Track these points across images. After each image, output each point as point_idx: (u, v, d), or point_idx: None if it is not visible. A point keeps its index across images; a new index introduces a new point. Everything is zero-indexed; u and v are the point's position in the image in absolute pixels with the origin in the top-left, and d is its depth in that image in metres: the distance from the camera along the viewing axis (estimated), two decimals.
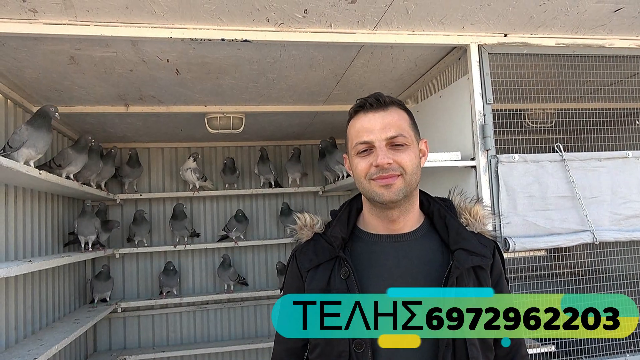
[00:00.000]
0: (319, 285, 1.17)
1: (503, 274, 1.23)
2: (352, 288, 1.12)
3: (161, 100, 2.78)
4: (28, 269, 2.10)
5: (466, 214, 1.25)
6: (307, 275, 1.21)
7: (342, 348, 1.10)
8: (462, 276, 1.13)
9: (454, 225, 1.20)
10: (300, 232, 1.28)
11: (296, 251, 1.27)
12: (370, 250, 1.20)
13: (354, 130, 1.18)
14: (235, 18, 1.84)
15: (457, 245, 1.16)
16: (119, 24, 1.82)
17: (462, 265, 1.13)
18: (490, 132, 2.08)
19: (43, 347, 2.27)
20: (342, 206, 1.30)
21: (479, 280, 1.16)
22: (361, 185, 1.17)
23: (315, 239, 1.25)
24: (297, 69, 2.38)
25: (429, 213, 1.26)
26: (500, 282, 1.21)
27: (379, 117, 1.16)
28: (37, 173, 2.13)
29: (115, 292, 3.74)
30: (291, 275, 1.26)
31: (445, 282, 1.11)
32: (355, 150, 1.17)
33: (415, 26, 2.02)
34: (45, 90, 2.50)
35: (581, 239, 2.09)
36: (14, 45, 1.93)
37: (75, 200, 3.45)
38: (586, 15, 2.01)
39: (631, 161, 2.22)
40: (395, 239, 1.20)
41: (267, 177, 3.98)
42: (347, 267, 1.15)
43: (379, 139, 1.13)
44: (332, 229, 1.23)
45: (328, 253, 1.19)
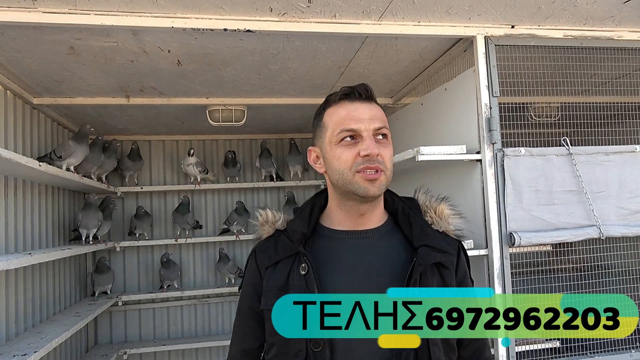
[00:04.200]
0: (277, 282, 1.14)
1: (468, 274, 1.22)
2: (310, 285, 1.09)
3: (162, 91, 2.75)
4: (28, 261, 2.08)
5: (431, 213, 1.23)
6: (266, 272, 1.17)
7: (299, 347, 1.06)
8: (426, 273, 1.10)
9: (418, 223, 1.18)
10: (261, 229, 1.25)
11: (256, 248, 1.24)
12: (332, 246, 1.17)
13: (338, 118, 1.13)
14: (238, 7, 1.81)
15: (420, 242, 1.14)
16: (120, 13, 1.79)
17: (425, 262, 1.10)
18: (496, 125, 2.05)
19: (44, 340, 2.25)
20: (305, 203, 1.27)
21: (443, 279, 1.13)
22: (342, 177, 1.11)
23: (276, 235, 1.21)
24: (301, 61, 2.34)
25: (393, 211, 1.23)
26: (465, 282, 1.20)
27: (367, 107, 1.13)
28: (36, 165, 2.11)
29: (116, 285, 3.72)
30: (250, 273, 1.22)
31: (409, 279, 1.08)
32: (339, 138, 1.11)
33: (421, 17, 1.99)
34: (45, 81, 2.47)
35: (587, 234, 2.06)
36: (12, 34, 1.90)
37: (76, 193, 3.43)
38: (595, 6, 1.97)
39: (639, 155, 2.18)
40: (358, 235, 1.17)
41: (268, 170, 3.96)
42: (306, 263, 1.11)
43: (367, 129, 1.10)
44: (293, 224, 1.20)
45: (288, 249, 1.16)
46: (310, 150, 1.23)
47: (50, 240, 2.93)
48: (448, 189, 2.31)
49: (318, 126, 1.20)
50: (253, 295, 1.19)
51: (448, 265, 1.15)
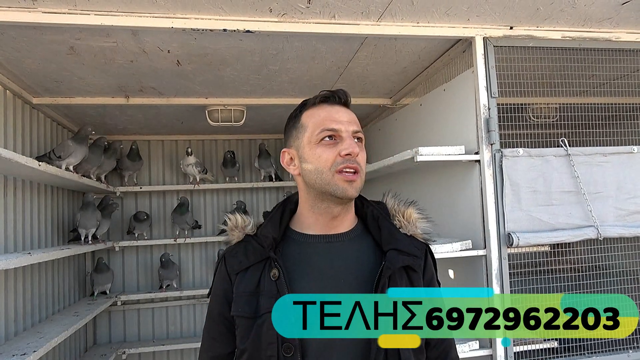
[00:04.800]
0: (247, 287, 1.13)
1: (435, 276, 1.23)
2: (281, 290, 1.08)
3: (162, 92, 2.75)
4: (27, 261, 2.08)
5: (399, 216, 1.23)
6: (236, 278, 1.16)
7: (271, 353, 1.06)
8: (394, 276, 1.11)
9: (386, 227, 1.19)
10: (230, 234, 1.24)
11: (225, 253, 1.23)
12: (302, 251, 1.17)
13: (318, 119, 1.14)
14: (237, 8, 1.82)
15: (389, 246, 1.14)
16: (120, 13, 1.79)
17: (393, 265, 1.11)
18: (494, 126, 2.05)
19: (42, 340, 2.25)
20: (275, 207, 1.26)
21: (410, 282, 1.15)
22: (320, 177, 1.11)
23: (246, 240, 1.20)
24: (300, 61, 2.35)
25: (363, 215, 1.24)
26: (432, 284, 1.21)
27: (345, 111, 1.16)
28: (36, 164, 2.11)
29: (115, 285, 3.72)
30: (219, 279, 1.21)
31: (377, 283, 1.09)
32: (319, 137, 1.12)
33: (420, 18, 1.99)
34: (45, 81, 2.47)
35: (585, 234, 2.07)
36: (12, 34, 1.90)
37: (75, 193, 3.43)
38: (593, 7, 1.98)
39: (637, 156, 2.19)
40: (329, 239, 1.17)
41: (267, 171, 3.97)
42: (277, 268, 1.11)
43: (347, 130, 1.12)
44: (263, 229, 1.19)
45: (258, 254, 1.15)
46: (284, 152, 1.22)
47: (50, 239, 2.94)
48: (447, 190, 2.32)
49: (294, 127, 1.19)
50: (223, 301, 1.18)
51: (416, 269, 1.16)
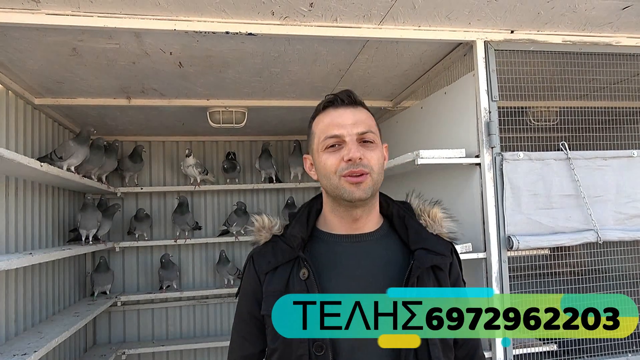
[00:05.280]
0: (277, 287, 1.15)
1: (460, 275, 1.24)
2: (311, 289, 1.10)
3: (163, 93, 2.76)
4: (29, 261, 2.09)
5: (425, 216, 1.25)
6: (265, 277, 1.18)
7: (302, 351, 1.07)
8: (423, 276, 1.12)
9: (413, 226, 1.20)
10: (258, 234, 1.25)
11: (253, 254, 1.24)
12: (330, 250, 1.18)
13: (323, 125, 1.15)
14: (240, 11, 1.82)
15: (417, 245, 1.15)
16: (123, 16, 1.80)
17: (422, 264, 1.12)
18: (495, 129, 2.06)
19: (43, 340, 2.26)
20: (301, 207, 1.28)
21: (438, 281, 1.15)
22: (329, 182, 1.14)
23: (274, 241, 1.22)
24: (301, 64, 2.36)
25: (388, 214, 1.25)
26: (458, 283, 1.22)
27: (350, 112, 1.14)
28: (38, 165, 2.12)
29: (115, 286, 3.73)
30: (248, 278, 1.23)
31: (406, 282, 1.10)
32: (324, 145, 1.14)
33: (422, 21, 2.00)
34: (47, 82, 2.48)
35: (585, 238, 2.07)
36: (16, 35, 1.91)
37: (76, 194, 3.44)
38: (594, 12, 1.99)
39: (636, 160, 2.20)
40: (356, 239, 1.18)
41: (268, 172, 3.97)
42: (307, 267, 1.12)
43: (350, 133, 1.11)
44: (291, 229, 1.20)
45: (287, 254, 1.17)
46: (305, 158, 1.26)
47: (51, 240, 2.94)
48: (447, 193, 2.33)
49: (309, 135, 1.22)
50: (253, 301, 1.20)
51: (443, 268, 1.17)
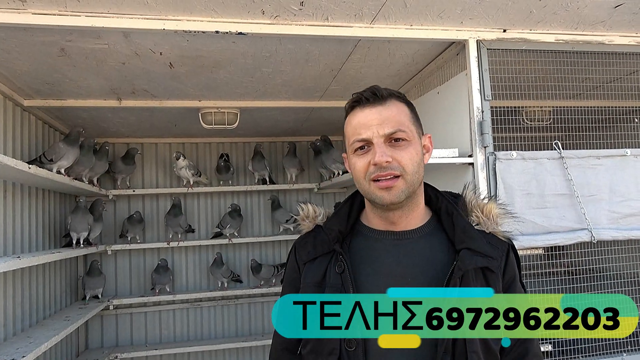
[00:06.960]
0: (314, 278, 1.14)
1: (517, 277, 1.16)
2: (346, 284, 1.08)
3: (154, 94, 2.73)
4: (17, 265, 2.06)
5: (478, 212, 1.18)
6: (304, 267, 1.17)
7: (333, 346, 1.06)
8: (467, 277, 1.07)
9: (461, 224, 1.13)
10: (302, 223, 1.25)
11: (296, 243, 1.24)
12: (370, 246, 1.15)
13: (351, 128, 1.13)
14: (229, 10, 1.80)
15: (462, 245, 1.09)
16: (111, 15, 1.78)
17: (465, 265, 1.06)
18: (488, 128, 2.05)
19: (32, 345, 2.23)
20: (345, 199, 1.26)
21: (487, 283, 1.09)
22: (361, 187, 1.12)
23: (316, 230, 1.21)
24: (293, 64, 2.34)
25: (437, 209, 1.19)
26: (513, 286, 1.13)
27: (376, 111, 1.10)
28: (26, 167, 2.09)
29: (107, 289, 3.69)
30: (290, 268, 1.24)
31: (447, 283, 1.05)
32: (352, 148, 1.12)
33: (413, 20, 1.99)
34: (36, 83, 2.45)
35: (579, 237, 2.07)
36: (2, 35, 1.88)
37: (66, 196, 3.40)
38: (586, 10, 1.98)
39: (630, 159, 2.19)
40: (398, 237, 1.15)
41: (261, 174, 3.95)
42: (342, 261, 1.11)
43: (376, 136, 1.07)
44: (328, 222, 1.19)
45: (326, 246, 1.15)
46: (344, 158, 1.23)
47: (40, 243, 2.90)
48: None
49: (343, 135, 1.20)
50: (293, 289, 1.19)
51: (494, 269, 1.10)
